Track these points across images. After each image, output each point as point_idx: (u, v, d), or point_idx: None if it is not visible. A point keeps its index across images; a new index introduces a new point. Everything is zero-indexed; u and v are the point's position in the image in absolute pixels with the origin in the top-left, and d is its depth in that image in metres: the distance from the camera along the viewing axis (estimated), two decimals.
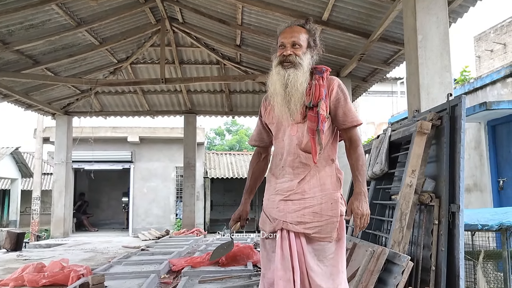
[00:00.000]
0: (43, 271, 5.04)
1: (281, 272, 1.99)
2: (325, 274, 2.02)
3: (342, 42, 7.05)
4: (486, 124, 6.66)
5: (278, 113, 2.11)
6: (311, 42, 2.14)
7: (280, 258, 2.02)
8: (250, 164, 2.47)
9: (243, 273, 5.12)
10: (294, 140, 2.11)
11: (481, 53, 14.65)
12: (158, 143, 14.87)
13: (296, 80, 2.04)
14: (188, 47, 9.47)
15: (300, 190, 2.08)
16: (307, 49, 2.12)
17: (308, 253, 2.03)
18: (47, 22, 6.95)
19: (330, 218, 2.05)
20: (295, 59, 2.06)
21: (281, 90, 2.06)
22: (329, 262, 2.05)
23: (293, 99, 2.04)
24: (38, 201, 15.21)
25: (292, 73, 2.05)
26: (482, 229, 3.95)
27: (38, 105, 10.15)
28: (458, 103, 3.28)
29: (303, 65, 2.06)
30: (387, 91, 15.45)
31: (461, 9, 5.31)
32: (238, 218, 2.39)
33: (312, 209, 2.05)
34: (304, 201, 2.07)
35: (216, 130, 32.46)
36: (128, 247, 8.93)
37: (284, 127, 2.15)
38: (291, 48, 2.08)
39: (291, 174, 2.11)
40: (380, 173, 4.02)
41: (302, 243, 2.04)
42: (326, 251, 2.05)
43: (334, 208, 2.07)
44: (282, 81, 2.05)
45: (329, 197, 2.08)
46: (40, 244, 10.18)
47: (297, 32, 2.11)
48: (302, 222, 2.04)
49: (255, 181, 2.44)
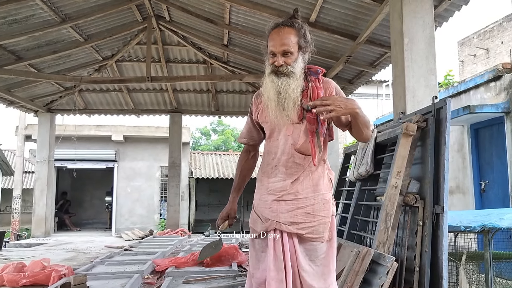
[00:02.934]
0: (23, 271, 4.95)
1: (273, 272, 1.98)
2: (316, 274, 2.02)
3: (329, 44, 7.08)
4: (469, 127, 6.76)
5: (273, 116, 2.09)
6: (302, 42, 2.07)
7: (272, 259, 2.00)
8: (238, 161, 2.43)
9: (228, 274, 5.10)
10: (290, 140, 2.10)
11: (464, 57, 14.91)
12: (143, 142, 14.73)
13: (289, 87, 2.02)
14: (174, 46, 9.40)
15: (293, 190, 2.06)
16: (299, 52, 2.06)
17: (300, 253, 2.02)
18: (31, 17, 6.83)
19: (322, 219, 2.05)
20: (286, 69, 2.03)
21: (274, 97, 2.04)
22: (321, 262, 2.05)
23: (287, 105, 2.03)
24: (19, 199, 14.92)
25: (284, 81, 2.03)
26: (465, 231, 4.00)
27: (20, 102, 9.96)
28: (443, 105, 3.32)
29: (295, 73, 2.04)
30: (372, 93, 15.60)
31: (447, 13, 5.39)
32: (226, 217, 2.35)
33: (305, 210, 2.04)
34: (297, 202, 2.05)
35: (202, 130, 32.32)
36: (111, 247, 8.83)
37: (279, 126, 2.12)
38: (282, 57, 2.03)
39: (284, 173, 2.09)
40: (366, 174, 4.04)
41: (294, 243, 2.03)
42: (317, 251, 2.05)
43: (326, 208, 2.07)
44: (275, 89, 2.04)
45: (321, 198, 2.07)
46: (20, 243, 9.99)
47: (286, 38, 2.02)
48: (295, 222, 2.03)
49: (243, 179, 2.40)
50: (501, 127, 6.07)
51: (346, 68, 7.69)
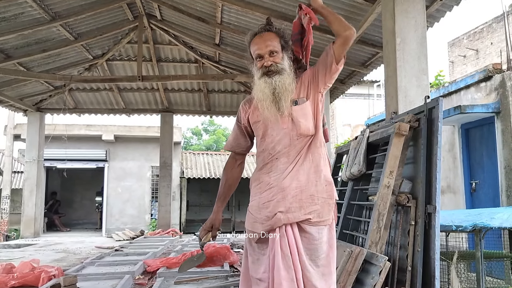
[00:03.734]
0: (12, 272, 4.87)
1: (283, 272, 1.93)
2: (317, 274, 1.99)
3: (320, 44, 7.05)
4: (460, 127, 6.81)
5: (267, 112, 2.11)
6: (283, 43, 2.15)
7: (281, 258, 1.95)
8: (224, 170, 2.37)
9: (219, 274, 5.07)
10: (287, 130, 2.10)
11: (454, 58, 15.02)
12: (134, 142, 14.62)
13: (284, 82, 2.06)
14: (166, 45, 9.35)
15: (295, 175, 2.05)
16: (283, 52, 2.13)
17: (303, 252, 2.00)
18: (20, 15, 6.74)
19: (326, 200, 2.06)
20: (276, 67, 2.09)
21: (269, 94, 2.07)
22: (321, 262, 2.02)
23: (283, 99, 2.06)
24: (7, 200, 14.72)
25: (278, 78, 2.07)
26: (456, 230, 4.03)
27: (9, 101, 9.82)
28: (435, 105, 3.33)
29: (285, 69, 2.09)
30: (363, 93, 15.65)
31: (438, 13, 5.41)
32: (210, 228, 2.27)
33: (309, 192, 2.04)
34: (300, 185, 2.04)
35: (193, 129, 32.24)
36: (102, 247, 8.75)
37: (272, 123, 2.12)
38: (269, 57, 2.10)
39: (285, 163, 2.08)
40: (358, 174, 4.04)
41: (297, 242, 1.99)
42: (318, 250, 2.02)
43: (328, 190, 2.08)
44: (270, 87, 2.07)
45: (323, 179, 2.08)
46: (9, 244, 9.86)
47: (269, 40, 2.12)
48: (302, 207, 2.02)
49: (229, 188, 2.33)
50: (491, 127, 6.11)
51: None
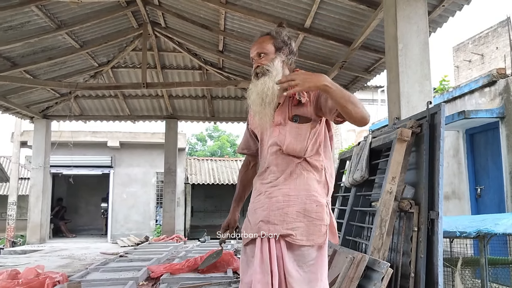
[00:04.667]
0: (17, 278, 4.89)
1: (259, 275, 1.97)
2: (303, 281, 1.99)
3: (323, 50, 7.10)
4: (464, 133, 6.78)
5: (258, 120, 2.17)
6: (279, 44, 2.18)
7: (259, 261, 2.00)
8: (239, 172, 2.52)
9: (222, 280, 5.06)
10: (277, 141, 2.13)
11: (459, 63, 14.98)
12: (139, 148, 14.69)
13: (265, 86, 2.09)
14: (170, 52, 9.41)
15: (285, 188, 2.08)
16: (276, 53, 2.16)
17: (288, 258, 2.00)
18: (27, 24, 6.82)
19: (313, 220, 2.04)
20: (262, 69, 2.14)
21: (256, 98, 2.12)
22: (309, 268, 2.02)
23: (264, 103, 2.09)
24: (14, 206, 14.83)
25: (261, 81, 2.12)
26: (460, 236, 4.00)
27: (16, 108, 9.92)
28: (437, 111, 3.32)
29: (271, 71, 2.12)
30: (368, 99, 15.64)
31: (441, 19, 5.41)
32: (227, 227, 2.43)
33: (296, 209, 2.04)
34: (289, 199, 2.05)
35: (197, 135, 32.30)
36: (106, 253, 8.77)
37: (266, 130, 2.19)
38: (257, 60, 2.18)
39: (276, 172, 2.12)
40: (361, 179, 4.04)
41: (282, 247, 2.01)
42: (306, 257, 2.02)
43: (318, 211, 2.05)
44: (256, 90, 2.13)
45: (314, 199, 2.06)
46: (15, 250, 9.91)
47: (260, 43, 2.19)
48: (285, 221, 2.03)
49: (243, 189, 2.46)
50: (496, 132, 6.09)
51: (341, 73, 7.71)
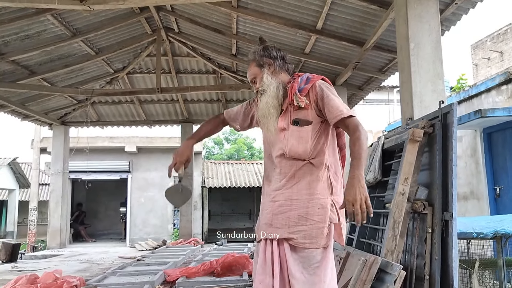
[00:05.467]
0: (36, 282, 4.98)
1: (261, 276, 2.01)
2: (307, 283, 1.99)
3: (336, 51, 7.07)
4: (481, 132, 6.65)
5: (265, 130, 2.27)
6: (259, 61, 2.32)
7: (262, 263, 2.04)
8: (206, 122, 2.71)
9: (238, 283, 5.07)
10: (281, 146, 2.18)
11: (478, 61, 14.71)
12: (156, 152, 14.83)
13: (265, 103, 2.23)
14: (184, 57, 9.48)
15: (287, 192, 2.11)
16: (261, 70, 2.29)
17: (292, 260, 2.01)
18: (43, 32, 6.97)
19: (316, 223, 2.04)
20: (260, 92, 2.30)
21: (260, 113, 2.26)
22: (314, 271, 2.02)
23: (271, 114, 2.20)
24: (35, 211, 15.15)
25: (263, 100, 2.26)
26: (477, 237, 3.92)
27: (34, 115, 10.14)
28: (450, 110, 3.27)
29: (265, 89, 2.25)
30: (384, 99, 15.49)
31: (454, 17, 5.33)
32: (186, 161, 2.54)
33: (298, 212, 2.06)
34: (291, 203, 2.08)
35: (215, 139, 32.42)
36: (124, 257, 8.87)
37: (272, 135, 2.24)
38: (253, 85, 2.36)
39: (280, 176, 2.17)
40: (374, 181, 4.00)
41: (285, 250, 2.04)
42: (311, 259, 2.03)
43: (321, 213, 2.05)
44: (260, 107, 2.26)
45: (317, 202, 2.07)
46: (36, 255, 10.10)
47: (249, 70, 2.38)
48: (287, 225, 2.05)
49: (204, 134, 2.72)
50: None
51: (355, 74, 7.66)
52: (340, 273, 3.46)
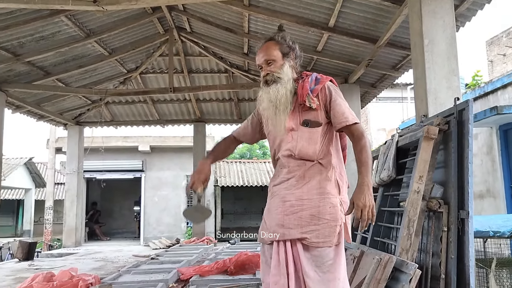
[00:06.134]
0: (52, 280, 5.05)
1: (276, 277, 1.99)
2: (322, 281, 1.99)
3: (349, 48, 7.02)
4: (498, 129, 6.55)
5: (271, 126, 2.21)
6: (285, 49, 2.19)
7: (275, 264, 2.02)
8: (220, 142, 2.55)
9: (251, 282, 5.06)
10: (290, 147, 2.15)
11: (493, 57, 14.49)
12: (169, 152, 14.92)
13: (278, 93, 2.13)
14: (196, 56, 9.52)
15: (298, 192, 2.09)
16: (284, 59, 2.18)
17: (305, 259, 2.01)
18: (57, 33, 7.05)
19: (328, 222, 2.04)
20: (272, 77, 2.17)
21: (269, 105, 2.16)
22: (327, 268, 2.02)
23: (278, 110, 2.13)
24: (51, 210, 15.37)
25: (273, 88, 2.15)
26: (494, 236, 3.87)
27: (50, 115, 10.28)
28: (465, 107, 3.22)
29: (282, 77, 2.16)
30: (397, 97, 15.35)
31: (469, 12, 5.24)
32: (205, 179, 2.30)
33: (310, 212, 2.05)
34: (302, 203, 2.06)
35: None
36: (138, 256, 8.94)
37: (279, 134, 2.19)
38: (266, 67, 2.19)
39: (289, 176, 2.14)
40: (388, 179, 3.96)
41: (298, 249, 2.02)
42: (324, 257, 2.03)
43: (332, 212, 2.05)
44: (267, 97, 2.17)
45: (328, 201, 2.06)
46: (52, 253, 10.25)
47: (266, 50, 2.20)
48: (300, 225, 2.04)
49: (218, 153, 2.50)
50: None
51: (368, 72, 7.60)
52: (354, 272, 3.44)
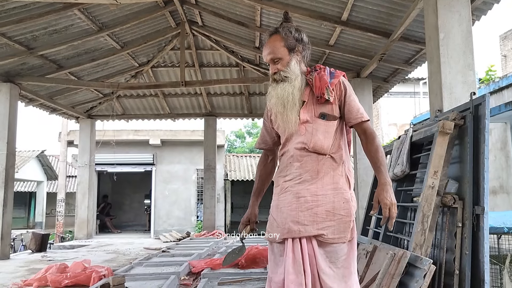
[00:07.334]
0: (65, 271, 5.12)
1: (292, 276, 1.97)
2: (337, 276, 1.99)
3: (362, 42, 6.96)
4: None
5: (280, 122, 2.17)
6: (291, 44, 2.14)
7: (291, 262, 1.99)
8: (257, 167, 2.49)
9: (262, 275, 5.09)
10: (303, 140, 2.11)
11: (507, 52, 14.28)
12: (179, 145, 14.98)
13: (284, 92, 2.11)
14: (207, 50, 9.51)
15: (312, 187, 2.06)
16: (290, 54, 2.13)
17: (319, 255, 2.00)
18: (70, 27, 7.09)
19: (343, 218, 2.03)
20: (279, 76, 2.13)
21: (278, 102, 2.14)
22: (341, 264, 2.02)
23: (286, 109, 2.11)
24: (62, 203, 15.54)
25: (280, 87, 2.13)
26: (508, 232, 3.84)
27: (62, 109, 10.36)
28: (481, 102, 3.18)
29: (290, 76, 2.12)
30: (409, 91, 15.22)
31: (485, 6, 5.16)
32: (247, 222, 2.41)
33: (325, 208, 2.03)
34: (317, 199, 2.04)
35: (236, 132, 32.53)
36: (149, 248, 9.01)
37: (290, 127, 2.14)
38: (273, 65, 2.15)
39: (300, 170, 2.10)
40: (402, 174, 3.94)
41: (313, 246, 2.01)
42: (338, 252, 2.02)
43: (346, 207, 2.05)
44: (276, 94, 2.14)
45: (341, 197, 2.06)
46: (64, 245, 10.38)
47: (272, 46, 2.14)
48: (315, 221, 2.02)
49: (262, 184, 2.44)
50: None
51: (380, 66, 7.54)
52: (367, 267, 3.43)
